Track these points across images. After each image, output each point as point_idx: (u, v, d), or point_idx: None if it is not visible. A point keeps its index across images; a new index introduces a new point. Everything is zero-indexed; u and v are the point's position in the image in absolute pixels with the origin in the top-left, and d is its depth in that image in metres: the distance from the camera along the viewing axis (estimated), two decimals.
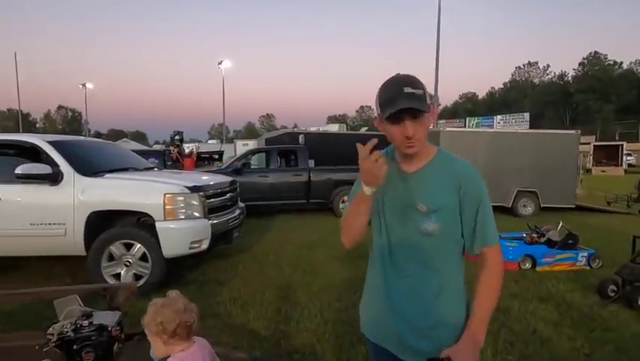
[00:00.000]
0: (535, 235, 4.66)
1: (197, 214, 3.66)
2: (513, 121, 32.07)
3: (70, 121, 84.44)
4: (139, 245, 3.54)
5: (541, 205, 8.31)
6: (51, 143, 3.76)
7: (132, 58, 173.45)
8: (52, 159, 3.61)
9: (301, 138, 10.21)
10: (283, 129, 16.71)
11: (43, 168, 3.46)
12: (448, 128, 9.48)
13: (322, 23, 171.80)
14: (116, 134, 72.65)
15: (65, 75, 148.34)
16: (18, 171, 3.34)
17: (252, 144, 20.72)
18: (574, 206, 8.60)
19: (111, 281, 3.51)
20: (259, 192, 7.73)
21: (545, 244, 4.53)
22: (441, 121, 33.98)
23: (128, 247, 3.57)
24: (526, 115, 32.21)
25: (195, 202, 3.64)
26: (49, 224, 3.53)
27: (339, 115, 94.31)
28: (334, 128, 25.07)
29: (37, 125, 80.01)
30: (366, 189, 1.05)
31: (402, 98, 0.98)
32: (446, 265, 1.13)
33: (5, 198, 3.54)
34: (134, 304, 3.30)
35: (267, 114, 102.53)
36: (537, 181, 8.26)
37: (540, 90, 62.37)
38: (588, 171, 22.43)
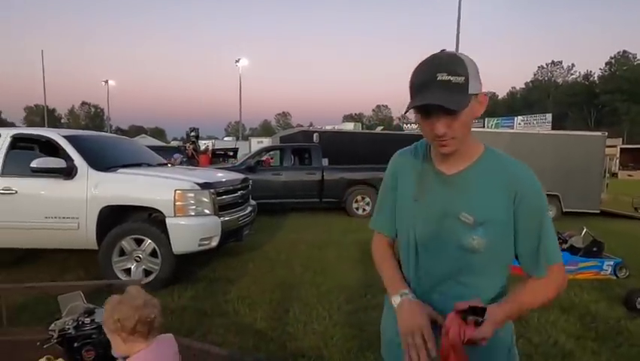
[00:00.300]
0: None
1: (207, 211, 3.64)
2: (534, 122, 31.10)
3: (93, 117, 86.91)
4: (149, 241, 3.54)
5: (564, 210, 7.99)
6: (66, 137, 3.80)
7: (153, 56, 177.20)
8: (67, 153, 3.65)
9: (315, 137, 10.13)
10: (298, 127, 16.67)
11: (57, 162, 3.50)
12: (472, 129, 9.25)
13: (340, 22, 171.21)
14: (136, 131, 74.28)
15: (89, 72, 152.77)
16: (33, 164, 3.39)
17: (266, 142, 20.80)
18: (598, 211, 8.24)
19: (122, 276, 3.53)
20: (272, 190, 7.71)
21: (568, 250, 4.32)
22: None
23: (139, 242, 3.57)
24: (549, 116, 31.20)
25: (206, 199, 3.62)
26: (63, 218, 3.57)
27: (355, 114, 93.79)
28: (349, 126, 24.93)
29: (62, 121, 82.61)
30: (395, 300, 0.97)
31: (432, 88, 0.81)
32: (488, 284, 0.95)
33: (21, 192, 3.60)
34: None
35: (283, 112, 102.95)
36: (559, 184, 7.94)
37: (564, 90, 60.46)
38: (614, 175, 21.56)
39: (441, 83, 0.80)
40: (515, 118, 33.61)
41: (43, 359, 1.64)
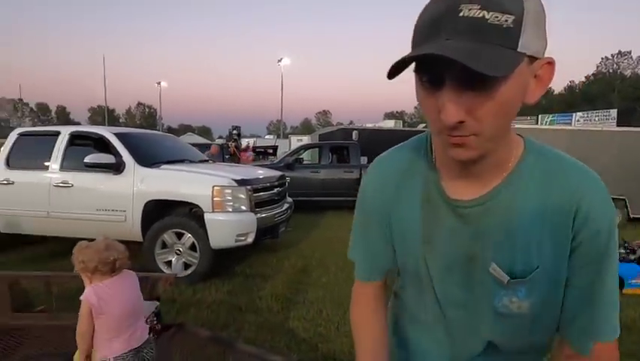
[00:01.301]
0: (622, 251, 3.98)
1: (243, 207, 3.68)
2: (596, 118, 28.40)
3: (147, 117, 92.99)
4: (189, 235, 3.65)
5: (631, 215, 7.18)
6: (116, 135, 4.03)
7: (201, 57, 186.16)
8: (116, 150, 3.87)
9: (355, 135, 9.99)
10: (338, 125, 16.59)
11: (107, 158, 3.72)
12: (517, 125, 8.64)
13: (381, 20, 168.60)
14: (184, 129, 78.49)
15: (145, 74, 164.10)
16: (86, 159, 3.63)
17: (306, 140, 20.97)
18: None
19: (163, 268, 3.68)
20: (310, 188, 7.71)
21: (636, 262, 3.84)
22: None
23: (180, 236, 3.70)
24: (613, 112, 28.35)
25: (242, 195, 3.66)
26: (112, 210, 3.78)
27: (397, 112, 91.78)
28: (389, 124, 24.44)
29: (120, 120, 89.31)
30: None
31: (449, 31, 0.44)
32: (530, 351, 0.68)
33: (76, 185, 3.87)
34: (183, 292, 3.41)
35: (324, 111, 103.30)
36: (626, 187, 7.15)
37: (632, 83, 54.67)
38: None
39: (467, 22, 0.43)
40: (574, 115, 30.94)
41: None
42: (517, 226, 0.57)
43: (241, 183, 3.70)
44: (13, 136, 4.30)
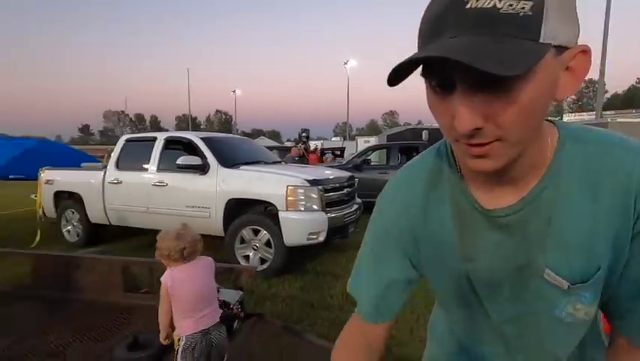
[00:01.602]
0: None
1: (315, 207, 3.79)
2: None
3: (224, 123, 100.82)
4: (264, 232, 3.87)
5: None
6: (202, 139, 4.45)
7: (272, 64, 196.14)
8: (202, 153, 4.27)
9: (424, 134, 9.62)
10: (406, 125, 16.11)
11: (195, 160, 4.12)
12: (619, 119, 7.51)
13: None
14: (257, 133, 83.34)
15: (222, 83, 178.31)
16: (178, 161, 4.07)
17: (373, 141, 20.76)
18: None
19: (242, 261, 3.95)
20: (378, 189, 7.59)
21: None
22: (608, 112, 27.30)
23: (256, 232, 3.94)
24: None
25: (314, 195, 3.77)
26: (199, 207, 4.18)
27: None
28: None
29: (201, 127, 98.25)
30: None
31: (457, 26, 0.39)
32: (591, 354, 0.63)
33: (170, 184, 4.36)
34: (259, 285, 3.63)
35: (390, 111, 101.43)
36: None
37: None
38: None
39: (475, 14, 0.37)
40: None
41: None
42: (566, 225, 0.49)
43: (313, 183, 3.81)
44: (121, 142, 5.00)
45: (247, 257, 3.98)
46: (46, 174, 5.39)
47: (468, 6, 0.37)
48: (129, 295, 2.36)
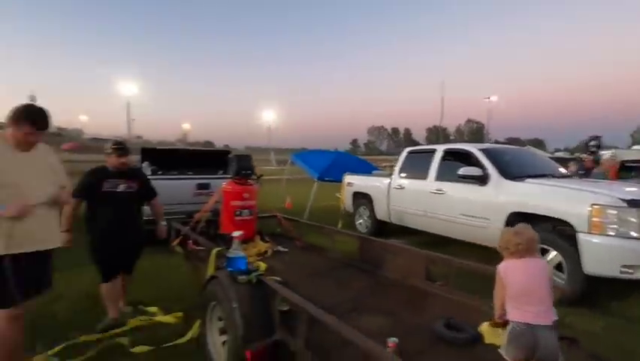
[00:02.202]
0: None
1: (633, 233, 3.04)
2: None
3: (475, 132, 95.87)
4: (554, 252, 3.47)
5: None
6: (481, 150, 4.52)
7: (533, 67, 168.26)
8: (481, 164, 4.34)
9: None
10: None
11: (476, 171, 4.24)
12: None
13: None
14: (513, 142, 73.98)
15: (473, 91, 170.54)
16: (460, 172, 4.32)
17: None
18: None
19: None
20: None
21: None
22: None
23: (543, 252, 3.59)
24: None
25: (634, 219, 3.03)
26: (475, 217, 4.27)
27: None
28: None
29: (451, 138, 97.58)
30: None
31: None
32: None
33: (447, 193, 4.69)
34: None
35: None
36: None
37: None
38: None
39: None
40: None
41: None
42: None
43: (632, 203, 3.08)
44: (404, 153, 5.85)
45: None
46: (348, 178, 7.09)
47: None
48: (428, 283, 2.73)
